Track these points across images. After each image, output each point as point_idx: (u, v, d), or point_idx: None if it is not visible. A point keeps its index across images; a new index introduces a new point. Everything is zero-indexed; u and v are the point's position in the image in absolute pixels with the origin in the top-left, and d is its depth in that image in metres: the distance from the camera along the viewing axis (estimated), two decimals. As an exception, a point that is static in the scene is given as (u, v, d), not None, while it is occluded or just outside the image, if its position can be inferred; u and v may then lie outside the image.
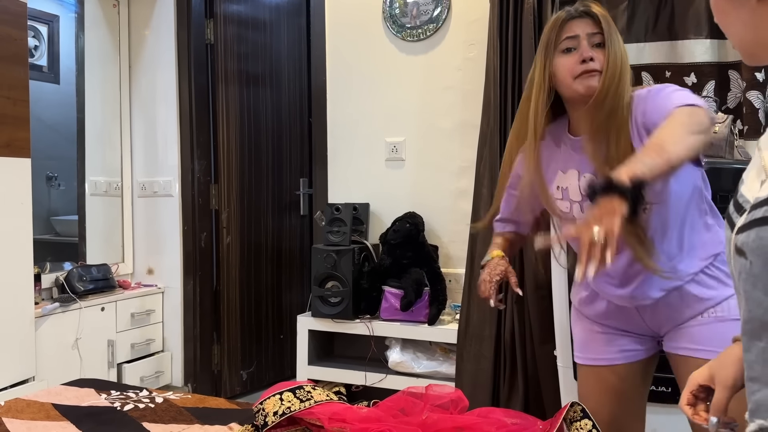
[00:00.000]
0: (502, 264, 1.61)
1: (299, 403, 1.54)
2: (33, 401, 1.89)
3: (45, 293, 2.91)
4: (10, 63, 2.53)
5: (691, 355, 1.42)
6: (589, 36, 1.39)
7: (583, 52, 1.38)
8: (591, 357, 1.57)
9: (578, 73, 1.38)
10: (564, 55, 1.40)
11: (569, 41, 1.40)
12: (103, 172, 3.33)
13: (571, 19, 1.41)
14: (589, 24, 1.40)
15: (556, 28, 1.42)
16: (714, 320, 1.43)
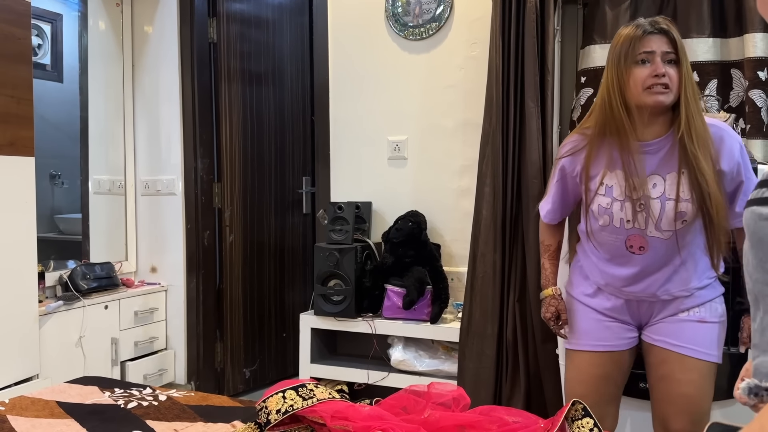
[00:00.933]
0: (554, 303, 1.81)
1: (302, 402, 1.54)
2: (37, 399, 1.90)
3: (49, 291, 2.92)
4: (14, 62, 2.54)
5: (671, 349, 1.63)
6: (663, 53, 1.53)
7: (657, 68, 1.52)
8: (593, 343, 1.72)
9: (649, 84, 1.52)
10: (638, 66, 1.54)
11: (644, 55, 1.53)
12: (106, 170, 3.34)
13: (648, 34, 1.53)
14: (665, 42, 1.53)
15: (633, 42, 1.54)
16: (697, 320, 1.63)
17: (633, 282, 1.66)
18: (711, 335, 1.64)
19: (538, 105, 2.47)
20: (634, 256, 1.63)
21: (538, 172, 2.48)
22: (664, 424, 1.69)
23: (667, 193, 1.57)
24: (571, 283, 1.83)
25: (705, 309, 1.65)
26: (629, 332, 1.72)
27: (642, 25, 1.56)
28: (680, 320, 1.65)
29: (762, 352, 0.86)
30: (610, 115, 1.58)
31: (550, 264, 1.86)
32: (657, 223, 1.58)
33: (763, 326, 0.84)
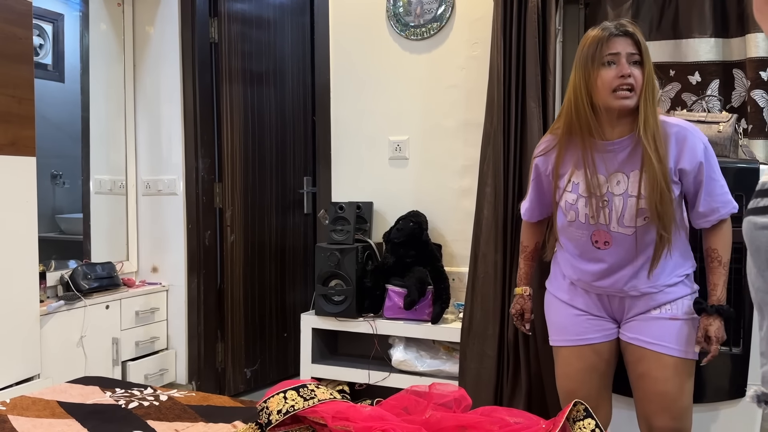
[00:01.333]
0: (521, 302, 1.95)
1: (303, 402, 1.54)
2: (38, 399, 1.90)
3: (50, 291, 2.92)
4: (15, 62, 2.54)
5: (645, 347, 1.69)
6: (628, 55, 1.59)
7: (623, 68, 1.57)
8: (573, 338, 1.78)
9: (615, 86, 1.58)
10: (605, 68, 1.59)
11: (611, 56, 1.59)
12: (107, 170, 3.34)
13: (614, 36, 1.59)
14: (629, 44, 1.59)
15: (600, 43, 1.59)
16: (669, 318, 1.69)
17: (601, 277, 1.72)
18: (684, 332, 1.69)
19: (540, 105, 2.46)
20: (600, 251, 1.70)
21: (539, 172, 2.48)
22: (647, 422, 1.74)
23: (629, 190, 1.63)
24: (549, 280, 1.91)
25: (676, 306, 1.69)
26: (607, 324, 1.78)
27: (608, 28, 1.61)
28: (652, 318, 1.70)
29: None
30: (576, 116, 1.63)
31: (524, 264, 1.96)
32: (620, 219, 1.65)
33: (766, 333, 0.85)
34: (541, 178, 1.82)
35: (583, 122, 1.63)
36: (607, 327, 1.78)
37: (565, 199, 1.70)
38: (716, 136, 2.20)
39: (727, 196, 1.66)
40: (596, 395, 1.78)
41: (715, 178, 1.66)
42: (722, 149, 2.20)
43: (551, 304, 1.87)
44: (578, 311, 1.79)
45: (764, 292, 0.86)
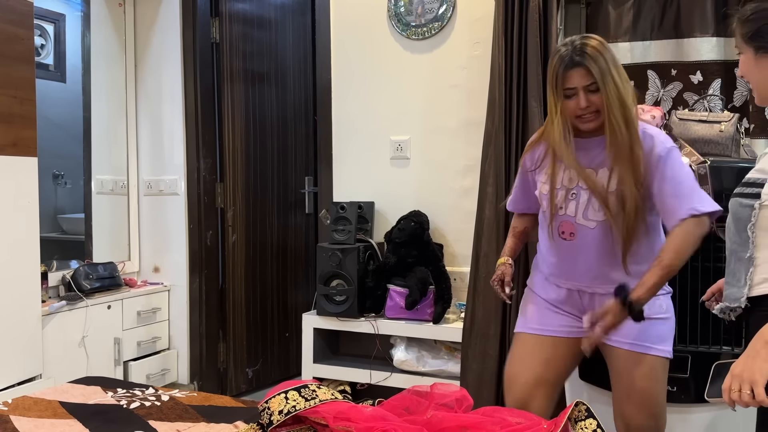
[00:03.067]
0: (502, 269, 1.90)
1: (304, 402, 1.54)
2: (40, 399, 1.90)
3: (52, 291, 2.92)
4: (17, 62, 2.54)
5: (620, 346, 1.74)
6: (584, 87, 1.64)
7: (580, 102, 1.64)
8: (538, 327, 1.82)
9: (578, 114, 1.67)
10: (567, 100, 1.67)
11: (568, 91, 1.66)
12: (109, 170, 3.35)
13: (569, 69, 1.64)
14: (583, 75, 1.63)
15: (557, 77, 1.66)
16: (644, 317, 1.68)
17: (568, 270, 1.78)
18: (657, 331, 1.74)
19: (541, 104, 2.46)
20: (566, 242, 1.76)
21: (541, 172, 2.48)
22: (625, 421, 1.77)
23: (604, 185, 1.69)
24: (530, 278, 1.96)
25: (648, 306, 1.66)
26: (574, 322, 1.80)
27: (564, 58, 1.65)
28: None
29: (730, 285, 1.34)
30: (551, 126, 1.71)
31: (511, 240, 1.98)
32: (584, 212, 1.72)
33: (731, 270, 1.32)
34: (525, 173, 1.88)
35: (557, 133, 1.70)
36: (574, 324, 1.79)
37: (541, 189, 1.79)
38: (718, 136, 2.19)
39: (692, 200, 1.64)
40: (536, 385, 1.79)
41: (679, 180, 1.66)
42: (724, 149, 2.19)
43: (527, 296, 1.92)
44: (549, 304, 1.83)
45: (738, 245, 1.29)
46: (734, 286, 1.32)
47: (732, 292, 1.33)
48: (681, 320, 2.04)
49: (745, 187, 1.28)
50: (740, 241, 1.29)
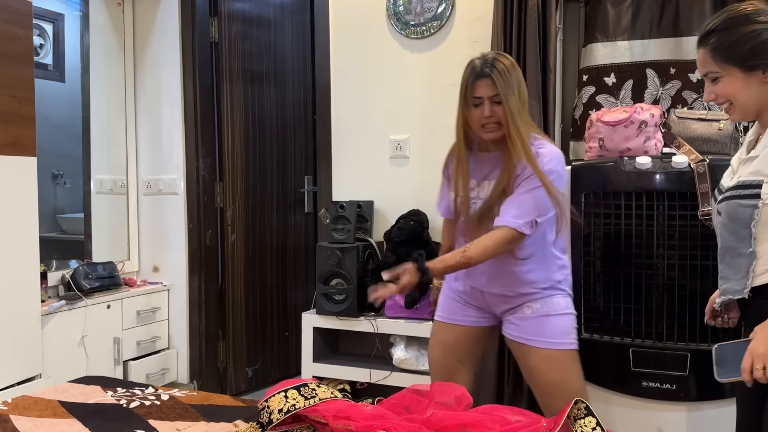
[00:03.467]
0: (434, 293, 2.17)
1: (304, 401, 1.54)
2: (40, 398, 1.90)
3: (51, 291, 2.92)
4: (16, 62, 2.54)
5: (526, 343, 1.90)
6: (490, 97, 1.81)
7: (484, 111, 1.81)
8: (445, 316, 2.04)
9: (482, 123, 1.83)
10: (474, 108, 1.83)
11: (476, 99, 1.82)
12: (108, 170, 3.35)
13: (478, 79, 1.81)
14: (490, 86, 1.80)
15: (467, 86, 1.83)
16: (540, 316, 1.89)
17: (469, 270, 1.90)
18: (557, 326, 1.90)
19: (540, 104, 2.46)
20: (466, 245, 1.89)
21: (540, 170, 2.48)
22: (548, 411, 1.89)
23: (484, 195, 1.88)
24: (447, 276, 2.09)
25: (545, 304, 1.89)
26: (480, 313, 1.99)
27: (475, 68, 1.82)
28: (526, 317, 1.91)
29: (727, 280, 1.45)
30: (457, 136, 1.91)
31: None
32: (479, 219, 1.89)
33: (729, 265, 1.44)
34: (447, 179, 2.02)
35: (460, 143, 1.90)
36: (480, 315, 2.00)
37: (450, 197, 1.95)
38: (717, 134, 2.19)
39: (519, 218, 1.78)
40: (451, 370, 2.00)
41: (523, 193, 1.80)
42: (723, 147, 2.19)
43: (443, 289, 2.10)
44: (458, 296, 2.03)
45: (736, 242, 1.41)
46: (732, 279, 1.43)
47: (730, 286, 1.43)
48: (680, 318, 2.04)
49: (742, 189, 1.38)
50: (739, 239, 1.39)
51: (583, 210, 2.13)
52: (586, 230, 2.14)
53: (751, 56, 1.35)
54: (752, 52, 1.35)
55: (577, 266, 2.16)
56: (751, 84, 1.37)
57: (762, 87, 1.37)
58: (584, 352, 2.17)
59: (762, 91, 1.38)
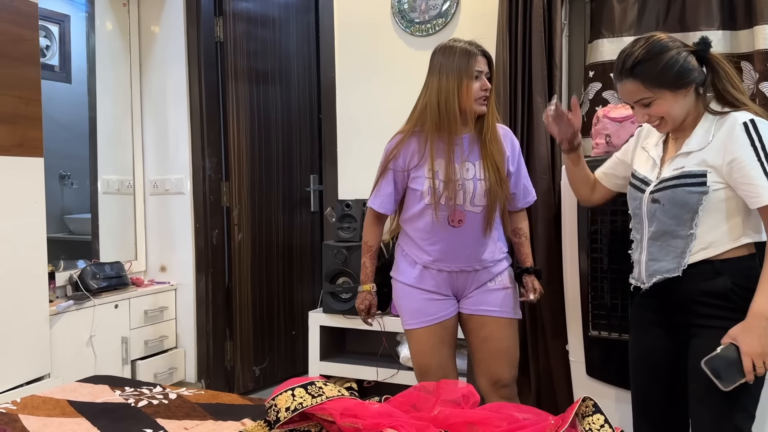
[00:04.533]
0: (369, 298, 2.18)
1: (311, 399, 1.55)
2: (48, 398, 1.91)
3: (59, 291, 2.94)
4: (22, 63, 2.55)
5: (488, 314, 2.04)
6: (486, 72, 1.98)
7: (485, 84, 1.97)
8: (426, 320, 2.05)
9: (480, 96, 1.96)
10: (475, 81, 1.95)
11: (477, 72, 1.95)
12: (115, 170, 3.36)
13: (476, 55, 1.96)
14: (485, 62, 1.98)
15: (469, 59, 1.94)
16: (502, 287, 2.06)
17: (454, 253, 2.00)
18: (512, 298, 2.09)
19: (546, 100, 2.45)
20: (454, 229, 1.99)
21: (546, 167, 2.47)
22: (493, 378, 2.05)
23: (477, 175, 1.98)
24: (398, 271, 2.13)
25: (505, 277, 2.08)
26: (451, 302, 2.08)
27: (472, 45, 1.97)
28: (489, 290, 2.05)
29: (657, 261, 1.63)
30: (446, 116, 1.94)
31: (370, 263, 2.18)
32: (471, 200, 1.98)
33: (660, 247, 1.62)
34: (396, 171, 2.05)
35: (452, 120, 1.95)
36: (451, 304, 2.08)
37: (428, 185, 1.97)
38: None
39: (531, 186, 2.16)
40: (446, 364, 2.07)
41: (525, 171, 2.15)
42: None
43: (402, 291, 2.11)
44: (429, 294, 2.05)
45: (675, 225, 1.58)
46: (663, 260, 1.60)
47: (662, 266, 1.60)
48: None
49: (688, 178, 1.56)
50: (679, 222, 1.57)
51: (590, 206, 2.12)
52: (592, 227, 2.13)
53: (677, 78, 1.54)
54: (678, 75, 1.54)
55: (584, 263, 2.16)
56: (679, 100, 1.56)
57: (686, 99, 1.57)
58: (592, 349, 2.17)
59: (687, 103, 1.58)
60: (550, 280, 2.42)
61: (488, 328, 2.04)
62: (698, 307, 1.57)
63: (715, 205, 1.54)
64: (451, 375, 2.10)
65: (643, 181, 1.66)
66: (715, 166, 1.54)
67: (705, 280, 1.55)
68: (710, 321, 1.55)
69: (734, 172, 1.51)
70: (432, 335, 2.06)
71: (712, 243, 1.55)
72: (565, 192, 2.21)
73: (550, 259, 2.45)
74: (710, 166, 1.54)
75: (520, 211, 2.16)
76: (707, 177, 1.54)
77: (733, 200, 1.54)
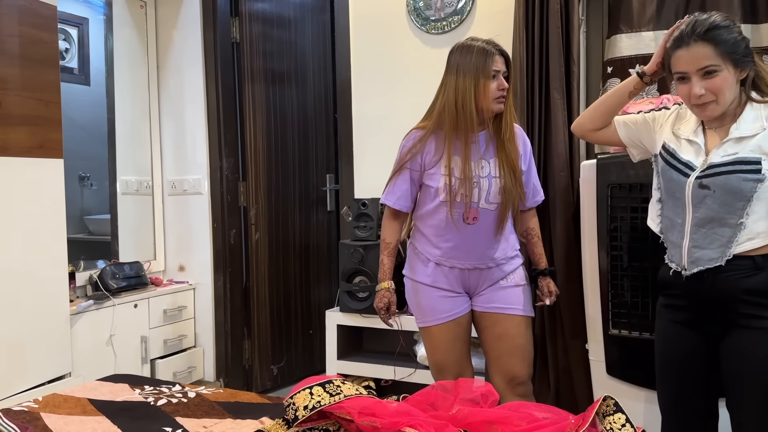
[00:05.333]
0: (387, 296, 2.14)
1: (329, 398, 1.54)
2: (69, 396, 1.93)
3: (79, 291, 2.97)
4: (42, 65, 2.58)
5: (501, 312, 2.05)
6: (504, 71, 1.99)
7: (502, 83, 1.98)
8: (440, 317, 2.06)
9: (497, 96, 1.97)
10: (492, 80, 1.96)
11: (495, 72, 1.96)
12: (133, 171, 3.38)
13: (494, 55, 1.96)
14: (503, 62, 1.99)
15: (487, 59, 1.95)
16: (514, 285, 2.07)
17: (468, 250, 2.02)
18: (525, 295, 2.09)
19: (564, 96, 2.43)
20: (468, 226, 2.01)
21: (564, 164, 2.45)
22: (508, 375, 2.05)
23: (492, 172, 2.00)
24: (411, 269, 2.14)
25: (517, 275, 2.09)
26: (464, 299, 2.09)
27: (490, 44, 1.98)
28: (501, 287, 2.07)
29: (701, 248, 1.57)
30: (462, 115, 1.95)
31: (388, 260, 2.16)
32: (486, 197, 2.00)
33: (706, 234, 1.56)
34: (413, 170, 2.06)
35: (468, 119, 1.95)
36: (465, 301, 2.09)
37: (444, 182, 1.99)
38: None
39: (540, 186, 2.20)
40: (462, 361, 2.09)
41: (535, 171, 2.18)
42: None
43: (417, 290, 2.10)
44: (442, 291, 2.06)
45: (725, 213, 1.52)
46: (707, 248, 1.54)
47: (704, 254, 1.54)
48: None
49: (743, 164, 1.50)
50: (730, 210, 1.51)
51: (609, 204, 2.10)
52: (612, 224, 2.10)
53: (745, 54, 1.51)
54: (747, 51, 1.51)
55: (603, 261, 2.13)
56: (734, 81, 1.52)
57: (736, 86, 1.53)
58: (612, 348, 2.14)
59: (737, 88, 1.54)
60: (569, 279, 2.40)
61: (501, 325, 2.05)
62: (737, 305, 1.51)
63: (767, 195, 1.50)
64: (467, 371, 2.11)
65: (687, 165, 1.59)
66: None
67: (744, 277, 1.51)
68: (748, 321, 1.50)
69: None
70: (446, 332, 2.07)
71: (759, 233, 1.51)
72: (583, 189, 2.18)
73: (568, 258, 2.43)
74: (765, 153, 1.50)
75: (529, 210, 2.18)
76: (762, 164, 1.49)
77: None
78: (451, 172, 1.97)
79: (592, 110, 1.85)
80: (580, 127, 1.89)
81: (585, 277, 2.20)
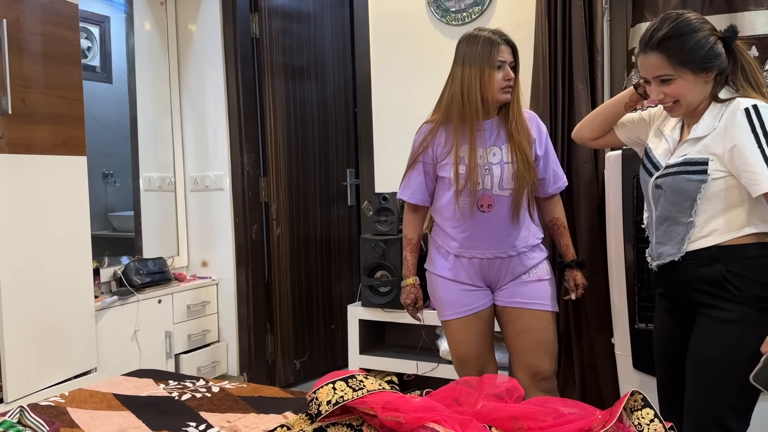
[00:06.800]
0: (413, 291, 2.16)
1: (352, 393, 1.53)
2: (95, 391, 1.95)
3: (104, 287, 3.00)
4: (64, 64, 2.61)
5: (524, 307, 2.03)
6: (510, 62, 1.98)
7: (508, 74, 1.96)
8: (461, 310, 2.06)
9: (503, 86, 1.96)
10: (497, 71, 1.95)
11: (500, 62, 1.95)
12: (156, 167, 3.41)
13: (499, 45, 1.95)
14: (509, 52, 1.98)
15: (492, 49, 1.94)
16: (536, 280, 2.04)
17: (485, 239, 2.00)
18: (549, 290, 2.06)
19: (588, 86, 2.39)
20: (484, 214, 1.99)
21: (588, 155, 2.41)
22: (532, 370, 2.03)
23: (504, 158, 1.98)
24: (432, 263, 2.12)
25: (540, 269, 2.05)
26: (486, 293, 2.07)
27: (496, 34, 1.96)
28: (524, 282, 2.04)
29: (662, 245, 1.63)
30: (468, 105, 1.95)
31: (411, 256, 2.17)
32: (500, 183, 1.98)
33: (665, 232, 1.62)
34: (426, 163, 2.06)
35: (474, 109, 1.95)
36: (486, 295, 2.07)
37: (456, 171, 1.98)
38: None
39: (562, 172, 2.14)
40: (485, 355, 2.09)
41: (554, 156, 2.12)
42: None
43: (437, 283, 2.10)
44: (463, 285, 2.05)
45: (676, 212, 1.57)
46: (667, 244, 1.60)
47: (666, 250, 1.60)
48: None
49: (689, 165, 1.54)
50: (680, 210, 1.56)
51: (635, 195, 2.06)
52: (638, 216, 2.06)
53: (703, 61, 1.51)
54: (704, 58, 1.51)
55: (629, 255, 2.09)
56: (698, 83, 1.52)
57: (705, 85, 1.53)
58: (638, 342, 2.10)
59: (705, 89, 1.54)
60: (594, 272, 2.36)
61: (524, 320, 2.03)
62: (695, 294, 1.56)
63: (715, 194, 1.51)
64: (490, 365, 2.10)
65: (654, 166, 1.65)
66: (718, 154, 1.50)
67: (700, 267, 1.54)
68: (706, 309, 1.54)
69: (735, 160, 1.47)
70: (468, 325, 2.06)
71: (712, 231, 1.53)
72: (609, 181, 2.15)
73: (593, 250, 2.39)
74: (713, 154, 1.51)
75: (552, 197, 2.14)
76: (708, 165, 1.51)
77: (735, 189, 1.50)
78: (459, 161, 1.97)
79: (590, 120, 1.91)
80: (579, 137, 1.97)
81: (610, 270, 2.17)
